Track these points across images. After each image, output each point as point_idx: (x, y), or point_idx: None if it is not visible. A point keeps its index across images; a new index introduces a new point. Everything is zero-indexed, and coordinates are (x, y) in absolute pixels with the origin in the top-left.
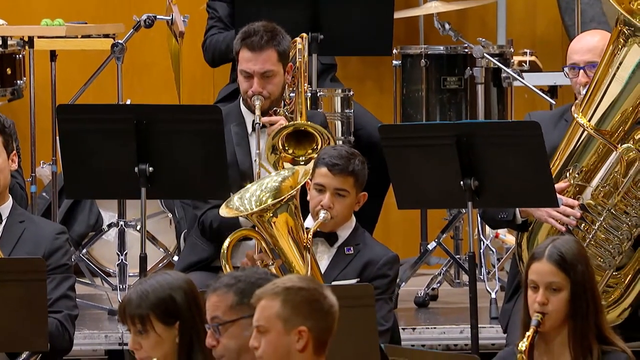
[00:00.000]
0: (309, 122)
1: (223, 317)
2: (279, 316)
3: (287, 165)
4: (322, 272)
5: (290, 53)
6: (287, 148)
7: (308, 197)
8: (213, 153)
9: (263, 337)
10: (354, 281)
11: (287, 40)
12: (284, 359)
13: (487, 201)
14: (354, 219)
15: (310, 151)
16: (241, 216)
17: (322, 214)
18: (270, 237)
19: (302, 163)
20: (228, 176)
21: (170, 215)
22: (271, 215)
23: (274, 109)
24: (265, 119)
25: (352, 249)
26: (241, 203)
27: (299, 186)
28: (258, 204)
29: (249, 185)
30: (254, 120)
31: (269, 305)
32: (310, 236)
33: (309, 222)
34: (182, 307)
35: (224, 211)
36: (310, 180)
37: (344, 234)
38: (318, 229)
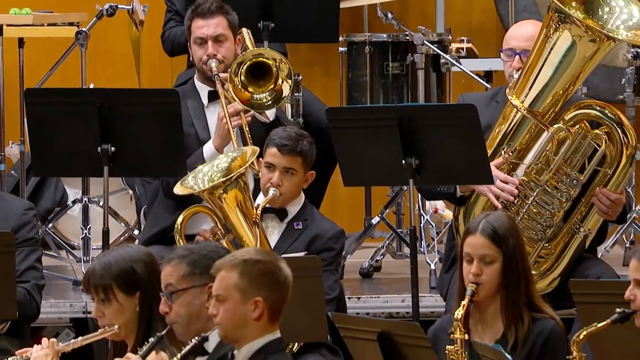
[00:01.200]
0: (264, 48)
1: (176, 285)
2: (236, 286)
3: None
4: (273, 245)
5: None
6: (246, 86)
7: None
8: (171, 133)
9: (221, 306)
10: (302, 254)
11: (234, 15)
12: (240, 327)
13: (427, 178)
14: (302, 196)
15: (272, 86)
16: (194, 193)
17: (271, 191)
18: (221, 212)
19: (268, 101)
20: (185, 155)
21: (131, 192)
22: (221, 192)
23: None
24: (223, 75)
25: (300, 224)
26: (194, 182)
27: (248, 164)
28: (209, 182)
29: (201, 166)
30: (210, 91)
31: (227, 276)
32: (259, 212)
33: (260, 199)
34: (143, 278)
35: (178, 189)
36: (261, 159)
37: (293, 210)
38: (269, 205)
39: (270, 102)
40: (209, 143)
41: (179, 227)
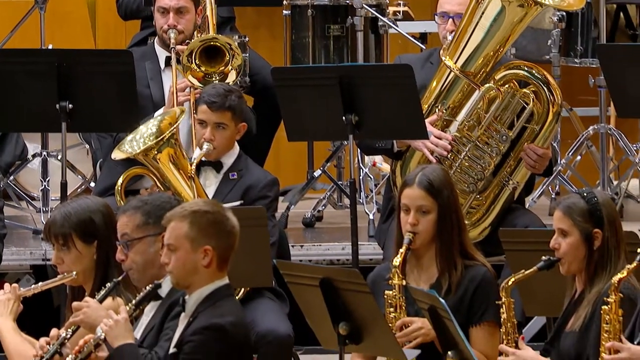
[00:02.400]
0: (218, 35)
1: (131, 235)
2: (187, 236)
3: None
4: (211, 196)
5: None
6: (199, 65)
7: None
8: (125, 91)
9: (173, 255)
10: (238, 203)
11: None
12: (191, 274)
13: (366, 134)
14: (237, 147)
15: (222, 67)
16: (130, 157)
17: (205, 146)
18: (158, 171)
19: (215, 79)
20: (138, 111)
21: (87, 146)
22: (155, 152)
23: (187, 42)
24: (180, 47)
25: (236, 174)
26: (130, 146)
27: (178, 123)
28: (143, 144)
29: (137, 129)
30: (167, 56)
31: (178, 227)
32: (193, 167)
33: (196, 154)
34: (100, 227)
35: (115, 154)
36: (195, 116)
37: (228, 161)
38: (205, 159)
39: (217, 81)
40: (160, 111)
41: (119, 188)
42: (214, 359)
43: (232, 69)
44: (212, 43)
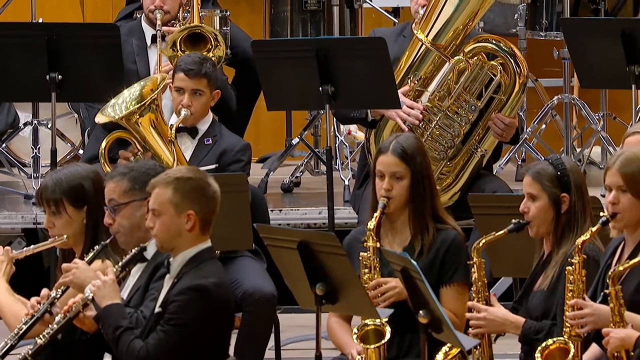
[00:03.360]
0: (203, 24)
1: (118, 200)
2: (170, 201)
3: None
4: (187, 160)
5: None
6: (183, 50)
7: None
8: (112, 63)
9: (157, 219)
10: (213, 166)
11: None
12: (175, 238)
13: (342, 104)
14: (211, 114)
15: (205, 52)
16: (112, 121)
17: (182, 112)
18: (139, 135)
19: None
20: (124, 82)
21: (76, 115)
22: (137, 117)
23: (172, 22)
24: (165, 28)
25: (210, 139)
26: (113, 110)
27: (159, 89)
28: (125, 109)
29: (120, 94)
30: (153, 34)
31: (162, 193)
32: (173, 131)
33: (174, 120)
34: (90, 193)
35: (99, 118)
36: (172, 84)
37: (203, 127)
38: (181, 125)
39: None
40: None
41: (103, 151)
42: (197, 317)
43: (212, 57)
44: (197, 31)
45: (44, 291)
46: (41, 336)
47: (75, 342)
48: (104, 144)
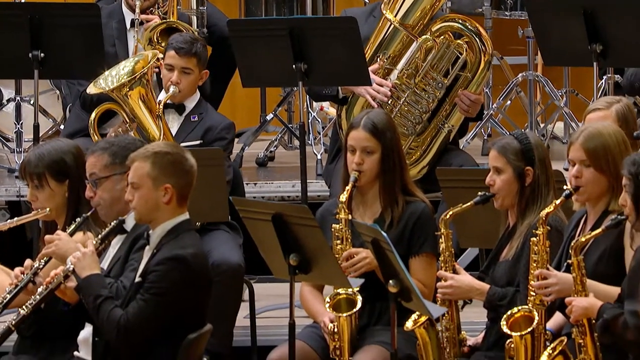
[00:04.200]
0: (179, 21)
1: (99, 174)
2: (149, 175)
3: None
4: (173, 135)
5: None
6: (160, 41)
7: None
8: (92, 42)
9: (136, 192)
10: (197, 142)
11: None
12: (153, 210)
13: (314, 81)
14: (198, 92)
15: None
16: (103, 92)
17: (171, 89)
18: (128, 107)
19: None
20: (105, 60)
21: (57, 92)
22: (127, 89)
23: (150, 9)
24: (143, 16)
25: (196, 117)
26: (105, 82)
27: (150, 64)
28: (116, 81)
29: (111, 69)
30: (132, 18)
31: (140, 166)
32: (161, 107)
33: (162, 96)
34: (71, 167)
35: (91, 89)
36: (162, 61)
37: (190, 105)
38: (169, 101)
39: None
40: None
41: (92, 122)
42: (175, 286)
43: None
44: (173, 26)
45: (28, 262)
46: (24, 307)
47: (58, 313)
48: (93, 115)
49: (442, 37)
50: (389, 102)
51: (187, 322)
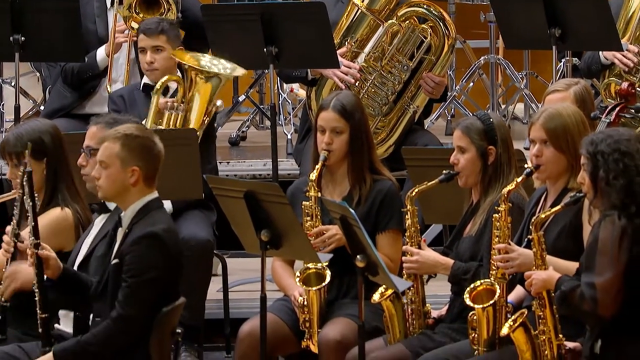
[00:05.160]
0: None
1: (95, 145)
2: (118, 156)
3: (134, 25)
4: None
5: None
6: (138, 12)
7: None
8: (71, 26)
9: (104, 171)
10: None
11: None
12: (119, 190)
13: (285, 64)
14: (178, 72)
15: (158, 15)
16: (183, 62)
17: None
18: (190, 90)
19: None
20: (82, 44)
21: (38, 74)
22: (203, 77)
23: None
24: None
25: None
26: (204, 62)
27: (231, 73)
28: (207, 67)
29: (214, 57)
30: None
31: (110, 147)
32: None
33: (146, 79)
34: (49, 146)
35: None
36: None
37: (173, 85)
38: (151, 83)
39: None
40: (102, 48)
41: (159, 87)
42: (152, 263)
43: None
44: None
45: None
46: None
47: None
48: (159, 84)
49: (407, 21)
50: (357, 84)
51: (165, 297)
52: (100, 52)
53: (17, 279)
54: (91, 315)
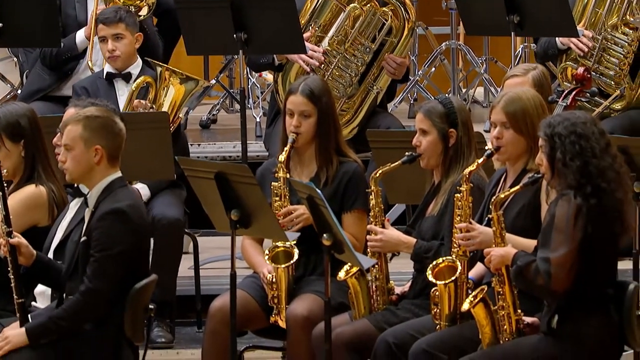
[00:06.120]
0: None
1: None
2: (81, 137)
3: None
4: (123, 104)
5: None
6: None
7: None
8: (48, 11)
9: (69, 153)
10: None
11: None
12: (85, 170)
13: (254, 50)
14: (139, 59)
15: (138, 1)
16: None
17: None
18: (162, 90)
19: (133, 9)
20: (59, 30)
21: (15, 59)
22: (177, 79)
23: None
24: None
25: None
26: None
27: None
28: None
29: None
30: None
31: (73, 129)
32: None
33: (108, 67)
34: (26, 129)
35: None
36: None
37: (135, 71)
38: (115, 70)
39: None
40: (82, 31)
41: (134, 89)
42: (119, 237)
43: (145, 5)
44: None
45: None
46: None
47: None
48: (134, 86)
49: (368, 5)
50: (322, 67)
51: (132, 272)
52: (80, 35)
53: None
54: (64, 295)
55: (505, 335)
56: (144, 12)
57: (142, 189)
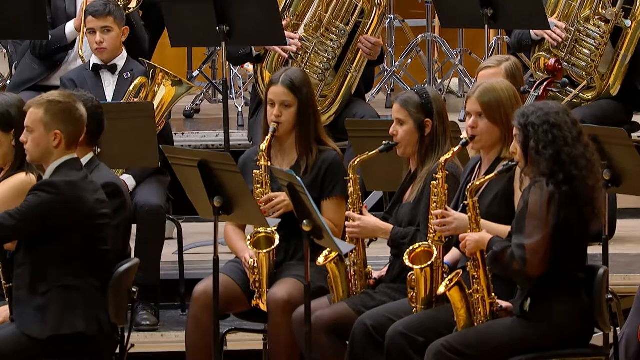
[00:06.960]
0: None
1: None
2: (41, 121)
3: None
4: (111, 96)
5: None
6: None
7: None
8: (36, 3)
9: (30, 135)
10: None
11: None
12: (44, 153)
13: (236, 41)
14: (125, 51)
15: None
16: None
17: (96, 51)
18: (155, 88)
19: (120, 3)
20: (47, 20)
21: (4, 50)
22: (169, 81)
23: None
24: None
25: (129, 73)
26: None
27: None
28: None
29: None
30: None
31: (35, 112)
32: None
33: (95, 59)
34: (16, 118)
35: None
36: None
37: (120, 63)
38: (100, 62)
39: (122, 5)
40: (71, 22)
41: (132, 90)
42: (42, 207)
43: None
44: None
45: None
46: None
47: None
48: (131, 87)
49: None
50: (299, 53)
51: (107, 255)
52: (70, 26)
53: None
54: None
55: (480, 318)
56: (133, 4)
57: (128, 179)
